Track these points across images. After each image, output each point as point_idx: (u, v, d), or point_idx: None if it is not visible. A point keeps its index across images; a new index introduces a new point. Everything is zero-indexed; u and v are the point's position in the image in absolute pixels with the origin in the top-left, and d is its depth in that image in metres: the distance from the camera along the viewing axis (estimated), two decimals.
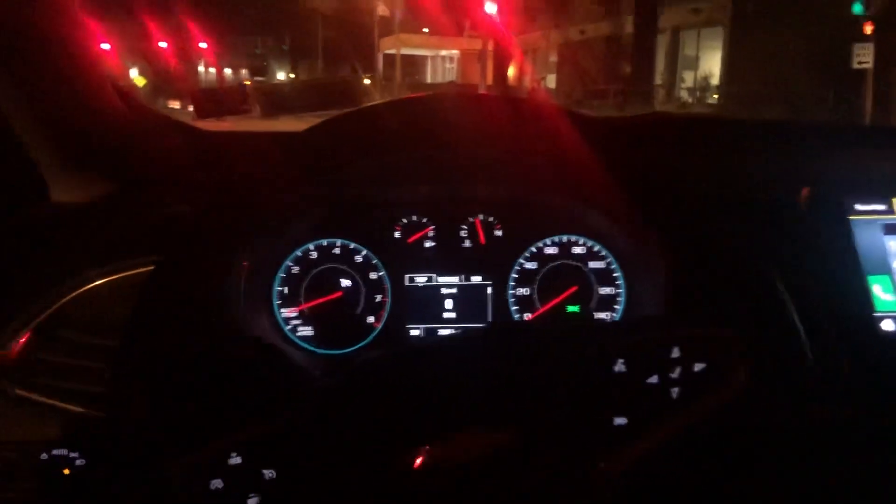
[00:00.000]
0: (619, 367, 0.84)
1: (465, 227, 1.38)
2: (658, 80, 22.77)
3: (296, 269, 1.35)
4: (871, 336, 1.06)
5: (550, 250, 1.36)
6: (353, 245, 1.36)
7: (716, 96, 21.78)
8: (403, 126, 0.84)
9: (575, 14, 27.47)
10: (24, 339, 1.17)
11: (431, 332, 1.37)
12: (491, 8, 21.71)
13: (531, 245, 1.36)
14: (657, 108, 20.03)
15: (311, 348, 1.34)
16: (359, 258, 1.35)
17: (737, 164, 1.27)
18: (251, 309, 1.24)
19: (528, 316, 1.36)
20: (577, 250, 1.35)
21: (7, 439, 1.15)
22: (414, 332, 1.37)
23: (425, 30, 34.04)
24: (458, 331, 1.35)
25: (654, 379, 0.84)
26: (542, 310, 1.35)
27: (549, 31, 28.80)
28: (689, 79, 23.70)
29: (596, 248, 1.35)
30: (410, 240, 1.37)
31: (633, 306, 1.33)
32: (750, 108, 17.44)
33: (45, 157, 1.16)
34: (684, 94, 23.52)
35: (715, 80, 22.16)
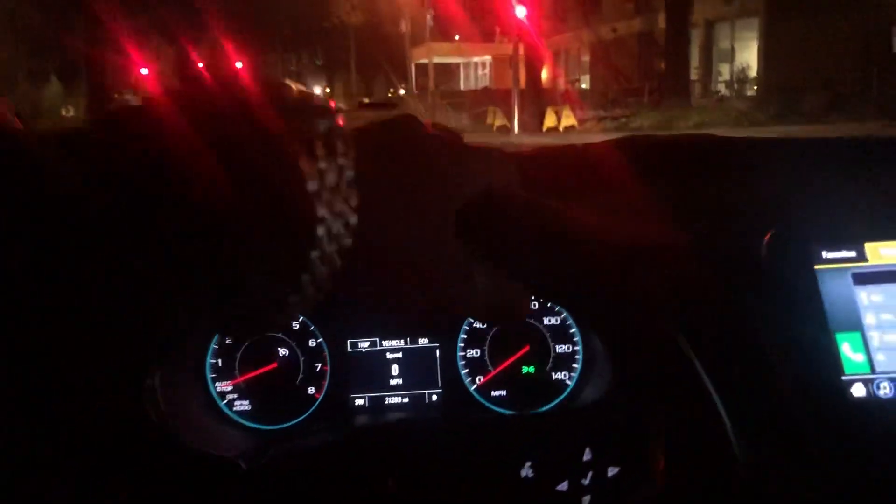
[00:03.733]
0: (527, 471, 0.75)
1: None
2: (694, 75, 22.36)
3: (229, 340, 1.27)
4: (840, 404, 0.94)
5: None
6: None
7: (755, 87, 21.33)
8: None
9: (605, 12, 27.20)
10: None
11: (377, 401, 1.27)
12: (520, 12, 21.58)
13: None
14: (694, 103, 19.65)
15: (250, 424, 1.25)
16: (295, 325, 1.27)
17: (695, 197, 1.15)
18: (184, 383, 1.17)
19: (480, 379, 1.25)
20: None
21: None
22: (358, 402, 1.27)
23: (456, 37, 34.05)
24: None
25: (563, 486, 0.74)
26: (494, 372, 1.24)
27: (581, 32, 28.56)
28: (725, 72, 23.24)
29: (549, 304, 1.24)
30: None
31: (591, 364, 1.22)
32: (791, 98, 16.97)
33: None
34: (721, 88, 23.09)
35: (752, 72, 21.70)
